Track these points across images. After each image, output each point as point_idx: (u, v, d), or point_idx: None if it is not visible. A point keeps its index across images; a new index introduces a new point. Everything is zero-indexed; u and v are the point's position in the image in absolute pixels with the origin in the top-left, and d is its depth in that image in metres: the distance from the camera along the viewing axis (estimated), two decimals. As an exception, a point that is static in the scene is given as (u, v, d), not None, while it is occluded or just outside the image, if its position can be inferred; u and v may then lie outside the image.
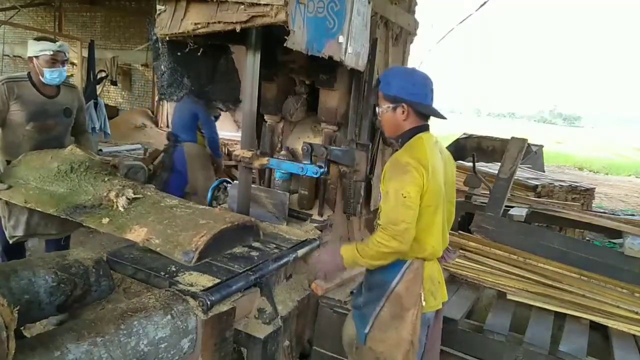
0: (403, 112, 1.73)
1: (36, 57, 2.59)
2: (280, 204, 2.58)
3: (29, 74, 2.67)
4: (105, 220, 2.13)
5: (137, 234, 2.00)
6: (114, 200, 2.25)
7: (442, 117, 1.79)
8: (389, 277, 1.75)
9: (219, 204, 2.92)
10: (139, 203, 2.27)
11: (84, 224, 2.16)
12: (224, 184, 3.03)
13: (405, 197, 1.62)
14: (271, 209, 2.62)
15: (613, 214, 5.42)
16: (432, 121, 1.83)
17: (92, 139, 3.20)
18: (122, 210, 2.20)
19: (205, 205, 2.56)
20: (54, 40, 2.66)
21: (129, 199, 2.25)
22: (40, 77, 2.62)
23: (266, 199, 2.66)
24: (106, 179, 2.47)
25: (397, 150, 1.82)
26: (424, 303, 1.72)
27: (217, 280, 1.77)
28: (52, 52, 2.57)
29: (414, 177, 1.62)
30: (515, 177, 4.22)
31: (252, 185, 2.68)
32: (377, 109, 1.85)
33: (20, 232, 2.55)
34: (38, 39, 2.65)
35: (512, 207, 3.87)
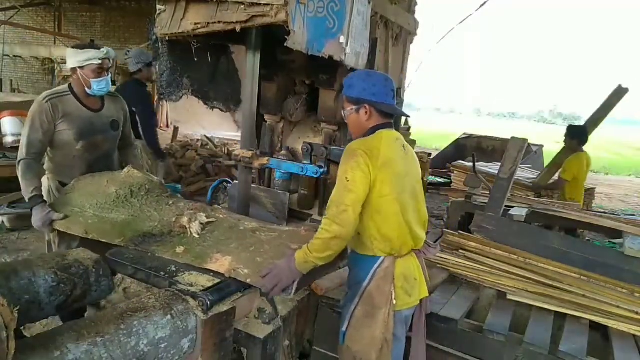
0: (366, 112, 1.77)
1: (81, 67, 2.35)
2: (281, 204, 2.59)
3: (69, 86, 2.44)
4: (180, 249, 1.93)
5: (220, 264, 1.82)
6: (187, 227, 2.06)
7: (405, 115, 1.84)
8: (362, 276, 1.76)
9: (219, 204, 2.92)
10: (214, 227, 2.09)
11: (157, 254, 1.94)
12: (224, 184, 3.03)
13: (348, 180, 1.64)
14: (271, 209, 2.62)
15: (613, 214, 5.42)
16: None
17: (139, 154, 2.94)
18: (197, 236, 2.03)
19: (281, 226, 2.36)
20: (98, 47, 2.42)
21: (202, 223, 2.08)
22: (87, 88, 2.39)
23: (266, 199, 2.66)
24: (170, 202, 2.29)
25: None
26: (394, 302, 1.72)
27: (217, 280, 1.77)
28: (99, 61, 2.35)
29: (359, 163, 1.64)
30: (515, 177, 4.22)
31: (252, 185, 2.68)
32: (342, 112, 1.88)
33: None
34: (81, 47, 2.41)
35: (512, 207, 3.86)
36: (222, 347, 1.65)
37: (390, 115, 1.82)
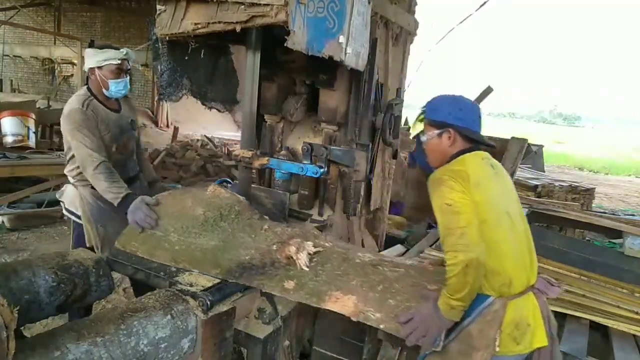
0: (449, 137, 1.64)
1: (99, 67, 2.31)
2: (281, 204, 2.58)
3: (88, 89, 2.37)
4: (289, 284, 1.70)
5: (343, 304, 1.59)
6: (295, 258, 1.82)
7: (492, 146, 1.69)
8: (467, 312, 1.52)
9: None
10: (323, 258, 1.85)
11: (263, 290, 1.74)
12: (224, 184, 3.03)
13: (450, 205, 1.48)
14: (271, 209, 2.62)
15: (613, 214, 5.43)
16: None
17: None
18: (306, 269, 1.79)
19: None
20: (117, 48, 2.37)
21: (310, 254, 1.84)
22: (104, 90, 2.34)
23: (266, 199, 2.66)
24: (265, 227, 2.05)
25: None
26: (497, 349, 1.50)
27: (217, 280, 1.77)
28: (118, 61, 2.31)
29: (452, 186, 1.50)
30: (515, 177, 4.22)
31: (252, 185, 2.68)
32: (420, 137, 1.75)
33: None
34: (100, 47, 2.37)
35: (512, 207, 3.86)
36: (222, 347, 1.65)
37: (476, 142, 1.67)
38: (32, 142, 5.31)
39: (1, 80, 11.97)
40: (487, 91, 7.61)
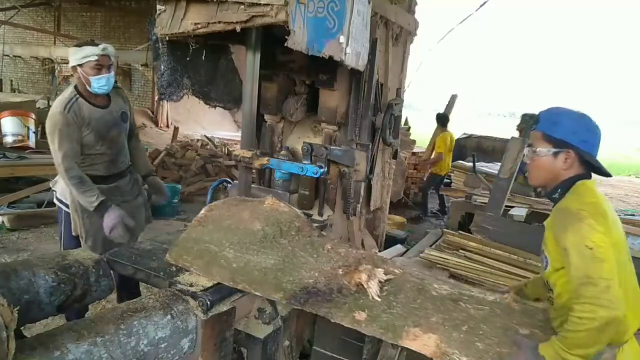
0: (566, 159, 1.46)
1: (80, 65, 2.34)
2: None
3: (75, 88, 2.41)
4: (360, 316, 1.56)
5: (422, 343, 1.45)
6: (365, 286, 1.66)
7: (608, 175, 1.53)
8: None
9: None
10: (396, 288, 1.70)
11: (331, 320, 1.59)
12: (224, 184, 3.03)
13: (591, 248, 1.28)
14: None
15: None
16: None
17: (142, 146, 2.85)
18: (377, 299, 1.63)
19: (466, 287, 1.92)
20: (97, 44, 2.39)
21: (381, 282, 1.69)
22: (87, 86, 2.37)
23: None
24: (328, 247, 1.89)
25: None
26: None
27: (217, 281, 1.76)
28: (96, 57, 2.32)
29: (592, 224, 1.32)
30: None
31: (252, 185, 2.68)
32: (526, 149, 1.58)
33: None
34: (79, 45, 2.40)
35: (512, 207, 3.87)
36: (222, 347, 1.65)
37: (592, 168, 1.49)
38: (32, 142, 5.31)
39: (1, 80, 11.98)
40: (453, 99, 8.67)
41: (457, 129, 9.09)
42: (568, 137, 1.46)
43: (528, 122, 4.50)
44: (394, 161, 3.37)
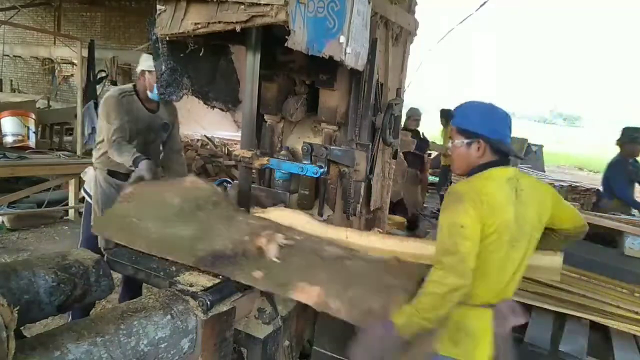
0: (478, 148, 1.60)
1: (149, 71, 2.55)
2: (280, 204, 2.58)
3: (134, 86, 2.67)
4: (257, 274, 1.76)
5: (307, 295, 1.67)
6: (265, 249, 1.86)
7: (520, 157, 1.67)
8: None
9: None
10: (293, 251, 1.89)
11: (233, 279, 1.78)
12: (224, 184, 3.03)
13: (462, 227, 1.46)
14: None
15: (613, 214, 5.42)
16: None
17: (184, 161, 2.98)
18: (276, 260, 1.83)
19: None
20: None
21: (280, 245, 1.88)
22: (149, 92, 2.62)
23: (266, 199, 2.66)
24: (240, 218, 2.09)
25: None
26: (435, 345, 1.53)
27: (217, 280, 1.77)
28: None
29: (467, 209, 1.47)
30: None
31: (252, 185, 2.68)
32: (449, 142, 1.73)
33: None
34: (149, 52, 2.59)
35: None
36: (222, 347, 1.65)
37: (505, 154, 1.63)
38: (32, 142, 5.32)
39: (1, 80, 11.97)
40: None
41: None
42: (477, 128, 1.60)
43: (632, 136, 4.37)
44: (394, 161, 3.37)
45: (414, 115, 5.76)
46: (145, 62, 2.59)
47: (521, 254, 1.59)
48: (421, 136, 5.83)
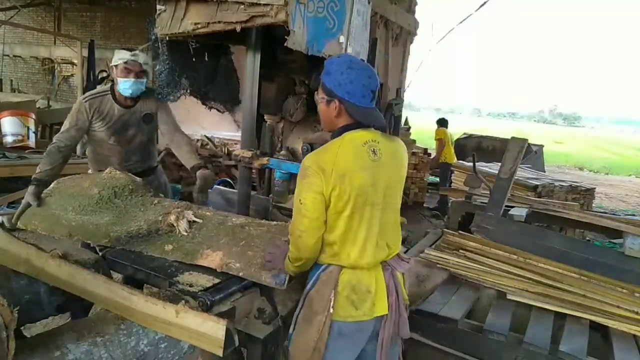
0: (335, 108, 1.56)
1: (115, 65, 2.54)
2: (263, 210, 2.56)
3: (111, 85, 2.64)
4: (168, 247, 1.92)
5: (211, 259, 1.81)
6: (175, 224, 2.03)
7: (369, 127, 1.59)
8: (308, 280, 1.67)
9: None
10: (203, 225, 2.07)
11: (146, 253, 1.93)
12: (224, 184, 3.03)
13: (301, 203, 1.52)
14: (254, 215, 2.59)
15: (613, 214, 5.42)
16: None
17: (190, 140, 2.92)
18: (185, 234, 2.00)
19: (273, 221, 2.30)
20: (131, 50, 2.56)
21: (190, 221, 2.06)
22: (116, 86, 2.58)
23: (251, 206, 2.61)
24: (155, 202, 2.27)
25: None
26: (331, 310, 1.56)
27: (217, 280, 1.76)
28: (124, 61, 2.48)
29: (311, 184, 1.50)
30: (515, 177, 4.22)
31: (229, 189, 2.66)
32: (315, 95, 1.70)
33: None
34: (121, 48, 2.61)
35: (512, 207, 3.86)
36: (222, 347, 1.65)
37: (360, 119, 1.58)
38: (32, 142, 5.31)
39: (1, 80, 11.96)
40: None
41: (457, 129, 9.11)
42: (334, 87, 1.54)
43: None
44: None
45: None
46: (114, 57, 2.55)
47: (387, 212, 1.62)
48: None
